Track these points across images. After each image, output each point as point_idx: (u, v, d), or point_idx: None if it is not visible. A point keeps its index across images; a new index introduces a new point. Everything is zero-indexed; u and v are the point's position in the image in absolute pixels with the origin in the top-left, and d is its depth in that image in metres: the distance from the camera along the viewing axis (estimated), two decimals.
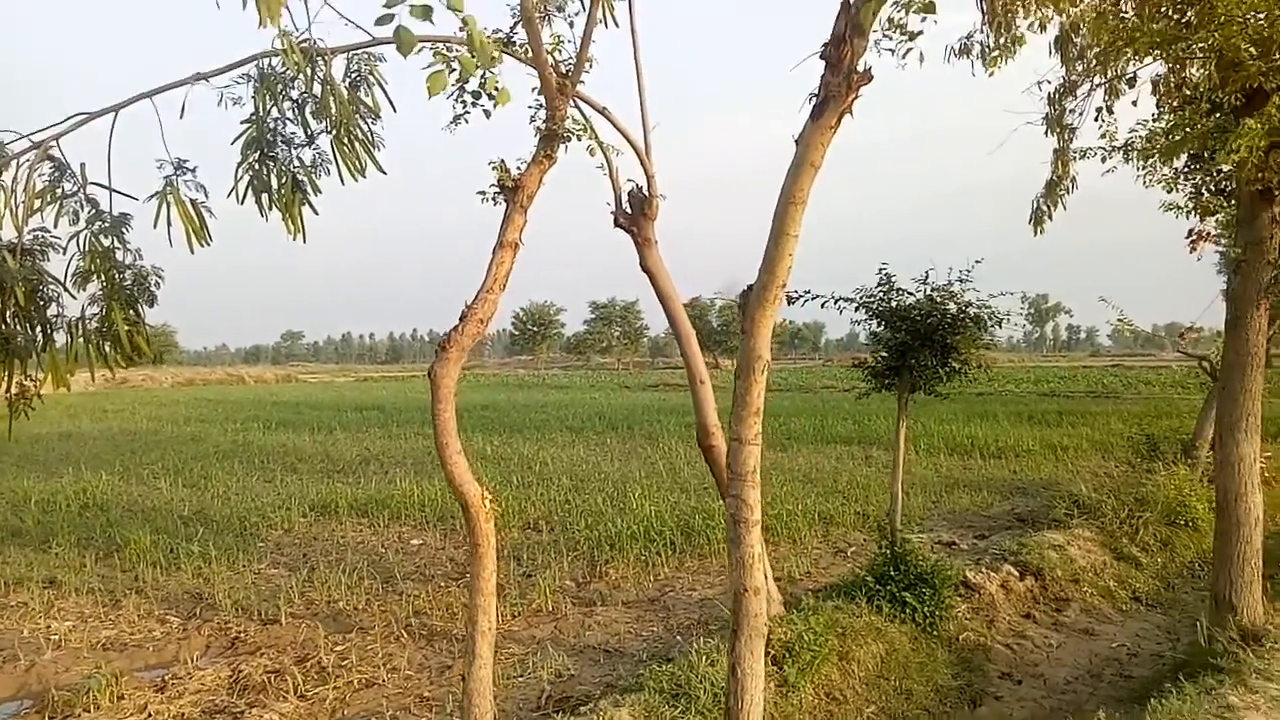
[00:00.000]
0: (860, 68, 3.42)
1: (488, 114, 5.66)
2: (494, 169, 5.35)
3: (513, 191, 5.13)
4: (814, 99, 3.55)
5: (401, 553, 10.17)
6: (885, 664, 6.68)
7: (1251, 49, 6.23)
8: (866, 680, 6.48)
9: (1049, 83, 8.72)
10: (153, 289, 5.21)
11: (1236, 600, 6.49)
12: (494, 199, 5.35)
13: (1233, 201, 9.60)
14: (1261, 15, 6.18)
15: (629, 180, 7.14)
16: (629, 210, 7.15)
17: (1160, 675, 6.43)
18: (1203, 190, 14.10)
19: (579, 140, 7.31)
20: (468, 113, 5.65)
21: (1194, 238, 8.65)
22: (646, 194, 7.07)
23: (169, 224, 4.71)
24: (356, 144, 5.16)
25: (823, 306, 8.55)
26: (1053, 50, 8.60)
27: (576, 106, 7.01)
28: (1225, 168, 7.18)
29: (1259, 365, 6.79)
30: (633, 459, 17.22)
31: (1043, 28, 8.29)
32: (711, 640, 6.38)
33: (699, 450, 7.30)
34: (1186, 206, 14.19)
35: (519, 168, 5.29)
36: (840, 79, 3.41)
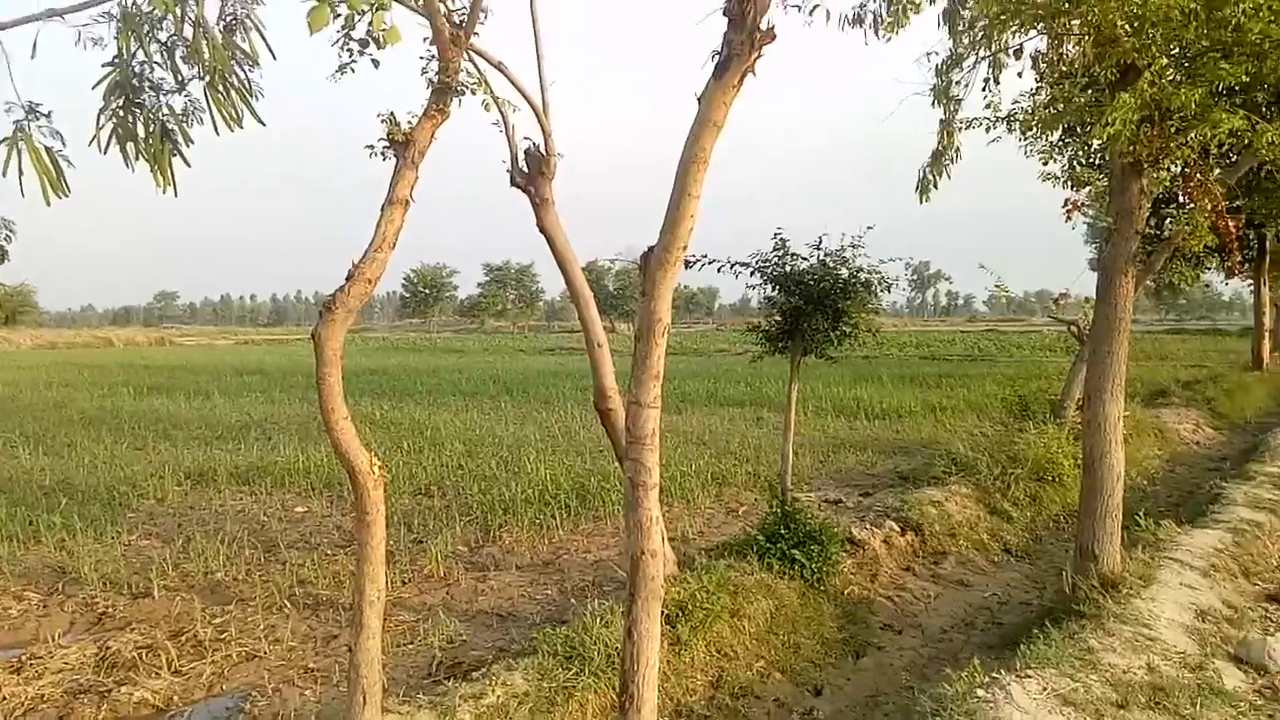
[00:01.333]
0: (764, 25, 3.36)
1: (376, 63, 5.39)
2: (383, 122, 5.11)
3: (403, 146, 4.89)
4: (717, 57, 3.48)
5: (285, 521, 9.80)
6: (775, 619, 6.84)
7: (1126, 26, 6.49)
8: (757, 636, 6.62)
9: (937, 54, 8.89)
10: (1, 243, 4.75)
11: (1098, 550, 6.90)
12: (383, 154, 5.12)
13: (1105, 173, 10.09)
14: None
15: (526, 138, 6.96)
16: (526, 169, 6.97)
17: (1029, 622, 6.79)
18: (1076, 162, 14.82)
19: (473, 95, 7.07)
20: (354, 61, 5.37)
21: (1069, 207, 9.03)
22: (544, 153, 6.89)
23: (20, 173, 4.28)
24: (232, 92, 4.81)
25: (719, 271, 8.59)
26: (941, 22, 8.79)
27: (471, 60, 6.77)
28: (1099, 141, 7.49)
29: (1125, 330, 7.17)
30: (528, 423, 17.08)
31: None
32: (606, 602, 6.40)
33: (595, 414, 7.26)
34: (1063, 177, 14.89)
35: (410, 122, 5.05)
36: (743, 36, 3.34)
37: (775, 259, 8.61)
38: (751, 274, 8.71)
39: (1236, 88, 7.00)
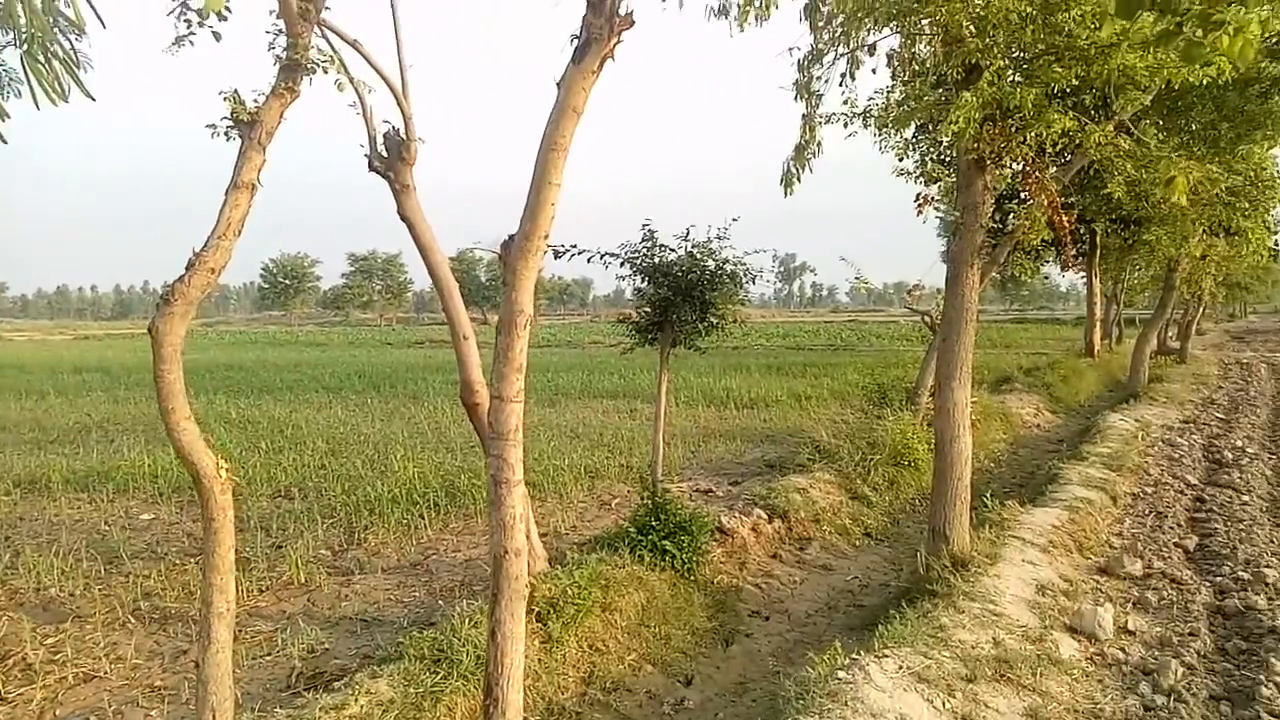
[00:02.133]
0: (623, 10, 3.29)
1: (218, 36, 5.03)
2: (227, 100, 4.77)
3: (249, 126, 4.56)
4: (576, 41, 3.39)
5: (129, 529, 9.11)
6: (646, 611, 6.84)
7: (971, 27, 6.79)
8: (628, 629, 6.61)
9: (799, 49, 9.08)
10: None
11: (949, 532, 7.24)
12: (226, 134, 4.78)
13: (953, 169, 10.58)
14: None
15: (385, 121, 6.66)
16: (385, 154, 6.68)
17: (887, 603, 7.06)
18: (928, 159, 15.53)
19: (325, 73, 6.71)
20: (193, 34, 5.00)
21: (920, 201, 9.44)
22: (404, 137, 6.62)
23: None
24: (55, 62, 4.37)
25: (589, 261, 8.52)
26: (803, 17, 8.97)
27: (324, 36, 6.42)
28: (946, 138, 7.84)
29: (971, 320, 7.53)
30: (395, 419, 16.55)
31: None
32: (475, 602, 6.24)
33: (463, 407, 7.05)
34: (915, 172, 15.58)
35: (258, 100, 4.73)
36: (602, 20, 3.27)
37: (644, 250, 8.60)
38: (621, 265, 8.68)
39: (1068, 90, 7.43)
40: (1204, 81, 7.02)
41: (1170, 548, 8.05)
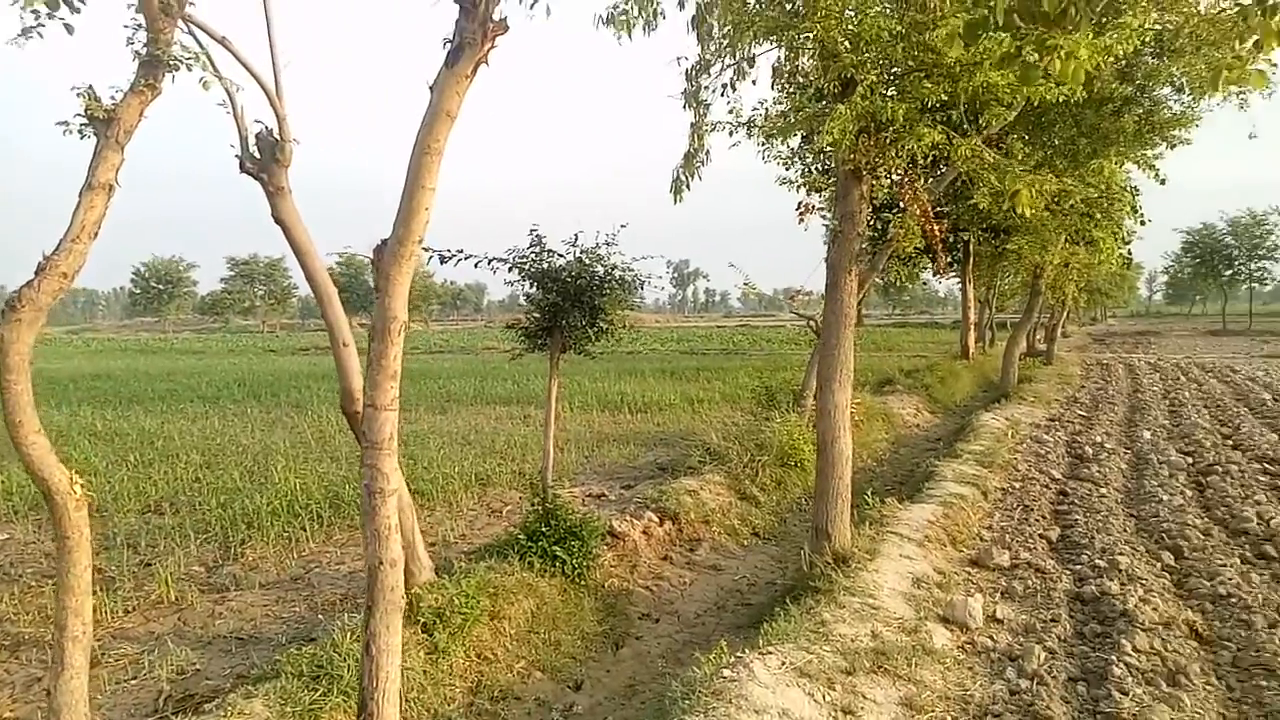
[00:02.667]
0: (496, 15, 3.28)
1: (69, 29, 4.76)
2: (80, 97, 4.51)
3: (105, 124, 4.34)
4: (449, 45, 3.36)
5: None
6: (536, 618, 6.81)
7: (846, 42, 7.04)
8: (517, 636, 6.56)
9: (687, 59, 9.22)
10: None
11: (832, 529, 7.47)
12: (80, 132, 4.52)
13: (832, 179, 10.94)
14: (854, 11, 6.99)
15: (258, 121, 6.42)
16: (257, 155, 6.44)
17: (773, 601, 7.23)
18: (811, 169, 16.01)
19: (190, 70, 6.43)
20: (41, 25, 4.72)
21: (802, 210, 9.72)
22: (278, 138, 6.39)
23: None
24: None
25: (476, 266, 8.42)
26: (690, 28, 9.12)
27: (190, 32, 6.15)
28: (825, 148, 8.10)
29: (850, 324, 7.80)
30: (277, 429, 15.96)
31: (681, 5, 8.74)
32: (359, 615, 6.04)
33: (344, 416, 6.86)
34: (798, 182, 16.04)
35: (114, 97, 4.50)
36: (475, 25, 3.25)
37: (532, 255, 8.57)
38: (509, 270, 8.62)
39: (938, 105, 7.78)
40: (1060, 100, 7.45)
41: (1035, 539, 8.53)
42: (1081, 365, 32.58)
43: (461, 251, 8.24)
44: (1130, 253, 23.29)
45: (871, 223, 14.57)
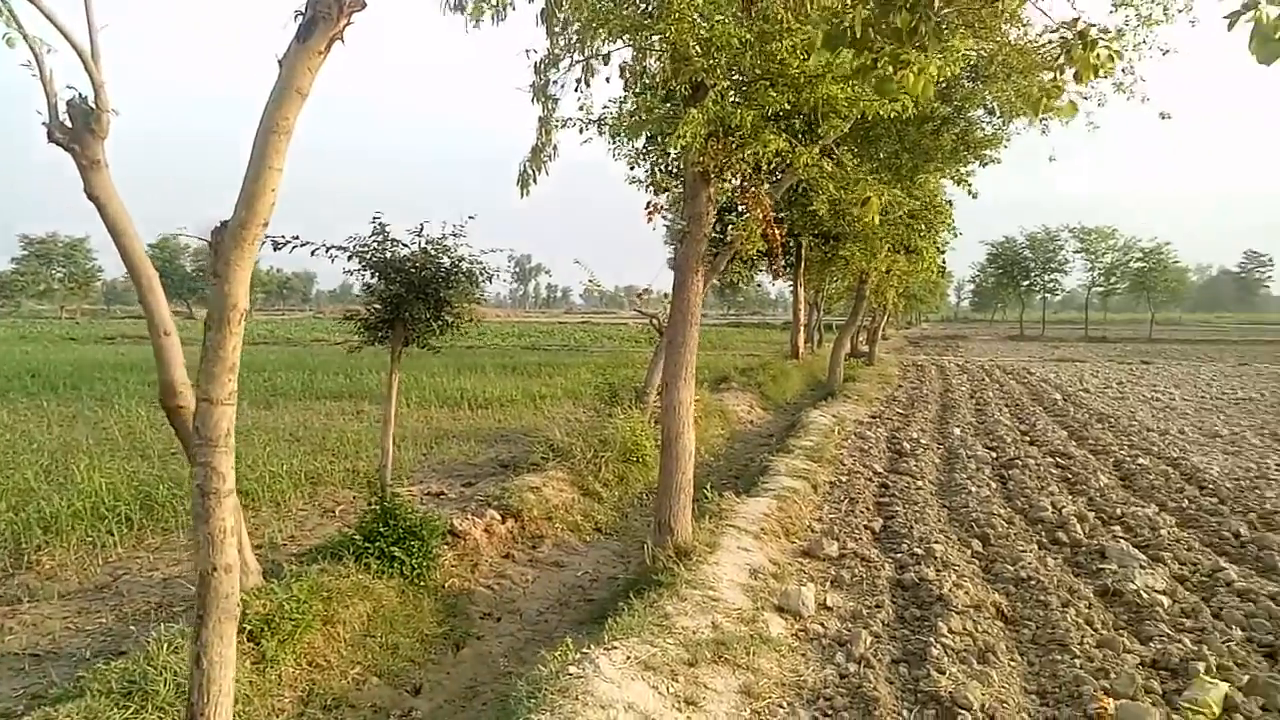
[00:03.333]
0: None
1: None
2: None
3: None
4: (300, 17, 3.16)
5: None
6: (372, 622, 6.55)
7: (698, 47, 7.18)
8: (353, 641, 6.29)
9: (536, 52, 9.12)
10: None
11: (674, 524, 7.61)
12: None
13: (681, 181, 11.14)
14: (704, 18, 7.14)
15: (70, 87, 5.83)
16: (69, 124, 5.85)
17: (616, 595, 7.28)
18: (657, 169, 16.25)
19: None
20: None
21: (650, 209, 9.84)
22: (93, 106, 5.83)
23: None
24: None
25: (313, 254, 8.03)
26: (539, 21, 9.03)
27: None
28: (674, 150, 8.24)
29: (695, 323, 7.98)
30: (79, 424, 14.57)
31: None
32: (176, 625, 5.63)
33: (163, 411, 6.35)
34: (646, 181, 16.23)
35: None
36: None
37: (375, 244, 8.25)
38: (349, 259, 8.26)
39: (781, 114, 8.08)
40: (891, 115, 7.88)
41: (861, 529, 9.02)
42: (899, 366, 34.81)
43: (298, 238, 7.84)
44: (945, 262, 25.05)
45: (714, 225, 14.99)
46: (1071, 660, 5.59)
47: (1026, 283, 79.96)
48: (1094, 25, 2.84)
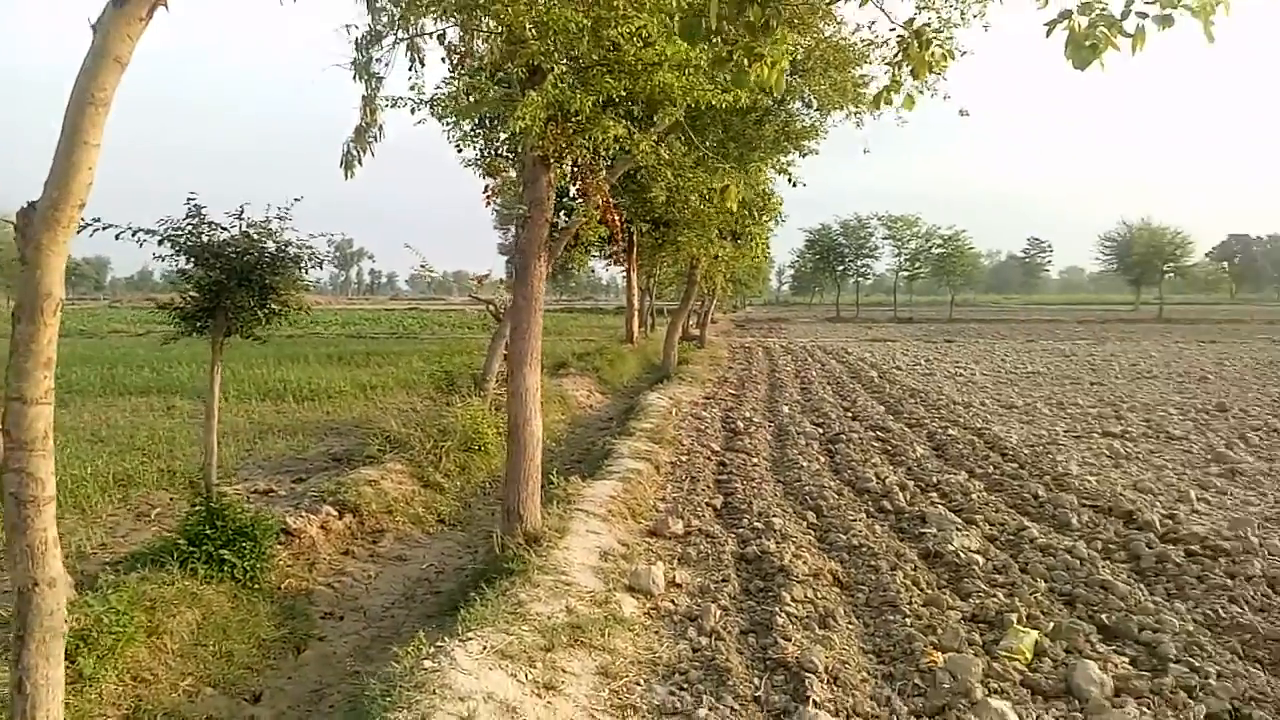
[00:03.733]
0: None
1: None
2: None
3: None
4: None
5: None
6: (202, 629, 6.14)
7: (534, 30, 7.10)
8: (181, 652, 5.87)
9: (357, 28, 8.71)
10: None
11: (523, 511, 7.57)
12: None
13: (515, 164, 11.01)
14: (541, 2, 7.06)
15: None
16: None
17: (465, 586, 7.16)
18: (487, 152, 15.96)
19: None
20: None
21: (489, 193, 9.68)
22: None
23: None
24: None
25: (117, 238, 7.35)
26: None
27: None
28: (509, 133, 8.11)
29: (539, 308, 7.93)
30: None
31: None
32: None
33: None
34: (478, 165, 15.92)
35: None
36: None
37: (189, 228, 7.65)
38: (160, 243, 7.63)
39: (618, 100, 8.13)
40: (722, 105, 8.09)
41: (704, 507, 9.30)
42: (729, 349, 36.05)
43: (98, 220, 7.15)
44: (769, 247, 26.11)
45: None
46: (902, 620, 6.01)
47: (841, 268, 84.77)
48: (928, 25, 3.04)
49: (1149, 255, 79.22)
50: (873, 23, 13.71)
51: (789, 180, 17.96)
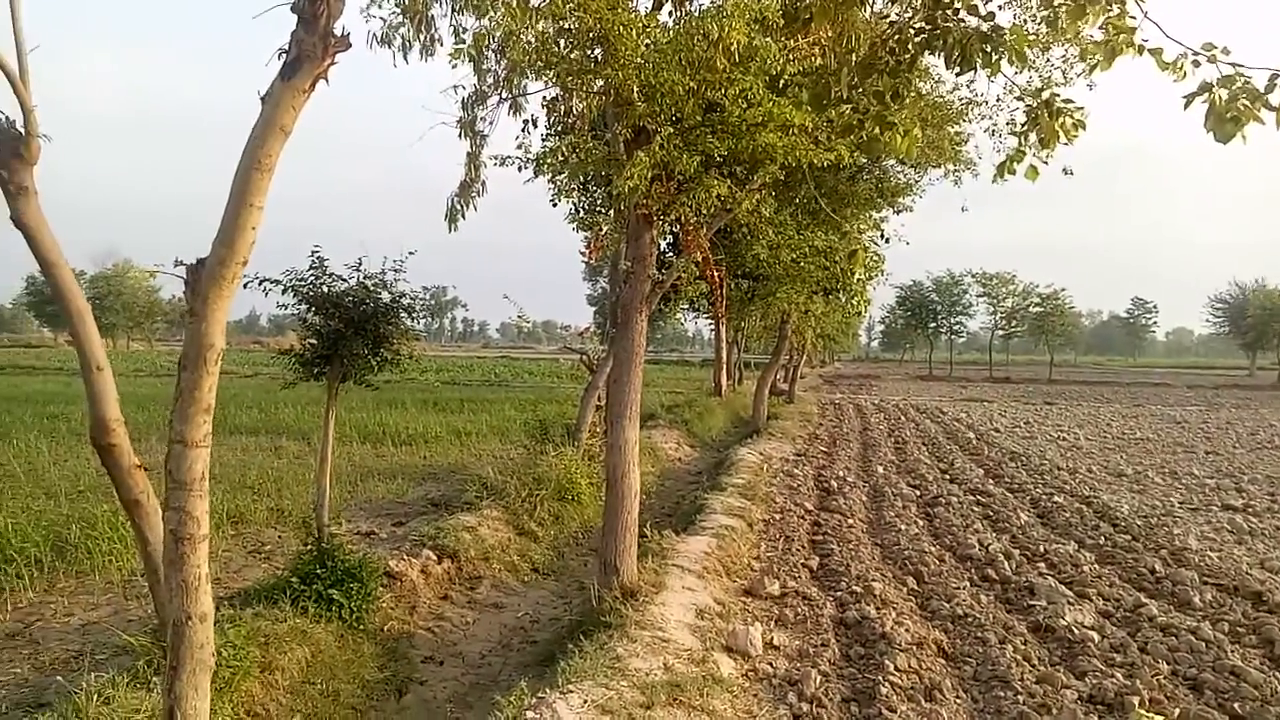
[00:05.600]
0: (339, 31, 3.11)
1: None
2: None
3: None
4: (284, 55, 3.14)
5: None
6: (311, 667, 6.32)
7: (641, 93, 7.33)
8: (291, 688, 6.05)
9: (464, 88, 9.12)
10: None
11: (620, 564, 7.59)
12: None
13: (614, 220, 11.27)
14: (649, 65, 7.28)
15: None
16: None
17: (560, 637, 7.20)
18: (579, 207, 16.38)
19: None
20: None
21: (591, 247, 9.94)
22: (22, 131, 5.59)
23: None
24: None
25: (245, 287, 7.78)
26: (466, 58, 9.03)
27: None
28: (617, 191, 8.33)
29: (640, 361, 8.04)
30: None
31: (456, 35, 8.66)
32: (105, 674, 5.34)
33: (80, 446, 6.05)
34: (578, 220, 16.33)
35: None
36: (315, 39, 3.06)
37: (312, 279, 8.07)
38: (284, 293, 8.06)
39: (721, 159, 8.27)
40: (822, 164, 8.15)
41: (799, 568, 9.15)
42: (818, 405, 35.54)
43: None
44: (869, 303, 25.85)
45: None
46: (1014, 696, 5.77)
47: (933, 325, 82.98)
48: (1057, 95, 3.04)
49: (1265, 318, 75.29)
50: (971, 81, 13.66)
51: (882, 236, 17.81)
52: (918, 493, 14.05)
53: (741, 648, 6.59)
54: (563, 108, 8.76)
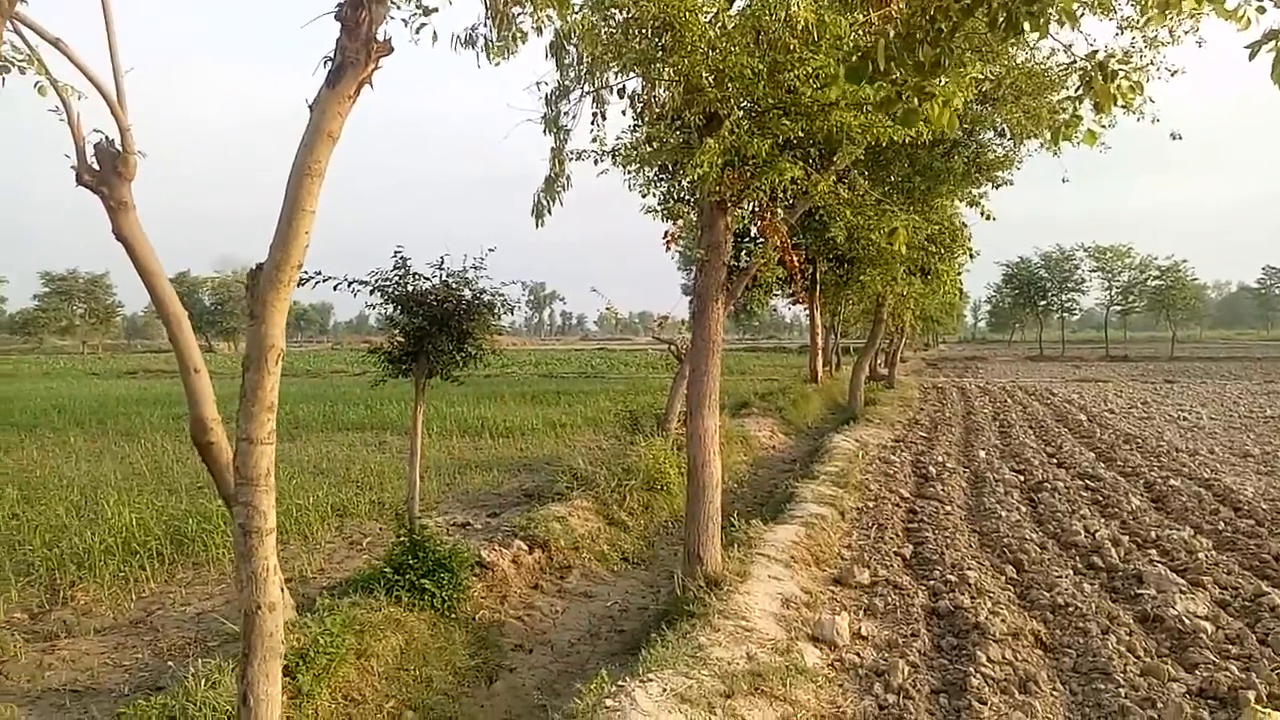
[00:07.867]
0: (381, 36, 3.19)
1: None
2: None
3: None
4: (329, 63, 3.24)
5: None
6: (405, 654, 6.55)
7: (710, 78, 7.25)
8: (386, 674, 6.28)
9: (546, 84, 9.21)
10: None
11: (703, 553, 7.58)
12: None
13: (695, 208, 11.21)
14: (717, 50, 7.20)
15: (96, 130, 5.97)
16: (96, 167, 5.98)
17: (647, 626, 7.24)
18: (670, 197, 16.35)
19: (22, 73, 5.96)
20: None
21: (669, 238, 9.90)
22: (119, 149, 5.96)
23: None
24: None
25: (335, 289, 8.10)
26: (549, 54, 9.13)
27: (18, 32, 5.69)
28: (689, 179, 8.28)
29: (718, 350, 7.99)
30: (106, 459, 14.71)
31: (539, 31, 8.76)
32: (213, 660, 5.65)
33: (193, 446, 6.41)
34: (660, 210, 16.33)
35: None
36: (358, 45, 3.15)
37: (396, 278, 8.33)
38: (371, 293, 8.35)
39: (795, 141, 8.12)
40: (905, 140, 7.90)
41: (891, 556, 8.93)
42: (919, 389, 34.61)
43: (320, 273, 7.92)
44: (962, 284, 24.99)
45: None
46: (1116, 689, 5.50)
47: (1044, 303, 79.56)
48: (1112, 56, 2.86)
49: None
50: (1070, 45, 13.01)
51: (982, 214, 17.19)
52: (1021, 478, 13.51)
53: (827, 637, 6.48)
54: (648, 98, 8.76)
